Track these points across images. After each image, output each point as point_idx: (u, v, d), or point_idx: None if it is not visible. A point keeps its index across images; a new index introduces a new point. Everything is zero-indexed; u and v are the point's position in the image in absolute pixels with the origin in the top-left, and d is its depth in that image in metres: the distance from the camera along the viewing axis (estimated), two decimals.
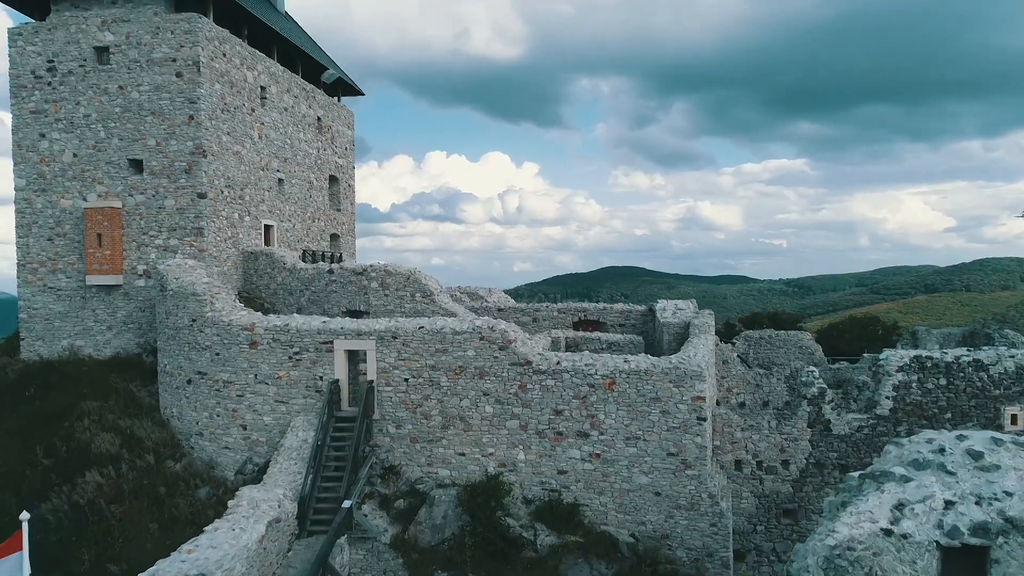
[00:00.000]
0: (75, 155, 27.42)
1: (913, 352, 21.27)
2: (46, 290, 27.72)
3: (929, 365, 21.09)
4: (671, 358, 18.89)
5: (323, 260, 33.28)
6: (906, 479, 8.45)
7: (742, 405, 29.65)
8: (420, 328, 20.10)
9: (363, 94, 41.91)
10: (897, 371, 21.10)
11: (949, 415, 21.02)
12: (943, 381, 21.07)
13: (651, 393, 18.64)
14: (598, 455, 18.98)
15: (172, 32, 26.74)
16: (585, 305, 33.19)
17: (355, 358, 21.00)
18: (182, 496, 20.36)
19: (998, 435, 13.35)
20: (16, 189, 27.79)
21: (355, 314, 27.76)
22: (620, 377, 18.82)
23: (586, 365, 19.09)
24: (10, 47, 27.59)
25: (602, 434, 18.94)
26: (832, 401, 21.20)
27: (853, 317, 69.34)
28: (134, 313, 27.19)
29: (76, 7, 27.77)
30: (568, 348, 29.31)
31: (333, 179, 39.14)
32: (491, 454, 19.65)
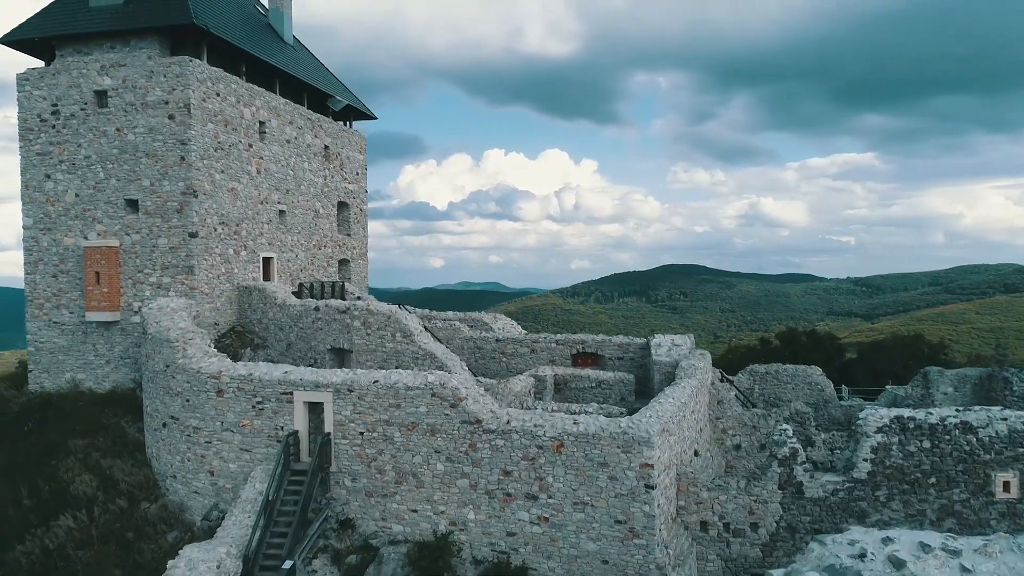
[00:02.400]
0: (77, 195, 28.47)
1: (894, 412, 19.98)
2: (51, 325, 28.91)
3: (912, 426, 19.79)
4: (620, 421, 18.27)
5: (323, 291, 33.65)
6: None
7: (737, 447, 28.62)
8: (375, 382, 20.03)
9: (375, 118, 42.17)
10: (876, 432, 19.88)
11: (933, 480, 19.70)
12: (927, 444, 19.74)
13: (599, 458, 18.07)
14: (547, 519, 18.53)
15: (165, 76, 27.43)
16: (584, 337, 32.61)
17: (316, 409, 21.09)
18: (150, 541, 20.88)
19: (930, 538, 12.39)
20: (24, 227, 29.06)
21: (339, 352, 28.00)
22: (568, 440, 18.32)
23: (535, 426, 18.65)
24: (18, 91, 28.84)
25: (551, 497, 18.48)
26: (805, 463, 20.12)
27: (897, 335, 66.16)
28: (130, 349, 28.07)
29: (79, 52, 28.80)
30: (557, 386, 28.88)
31: (343, 205, 39.55)
32: (442, 512, 19.44)
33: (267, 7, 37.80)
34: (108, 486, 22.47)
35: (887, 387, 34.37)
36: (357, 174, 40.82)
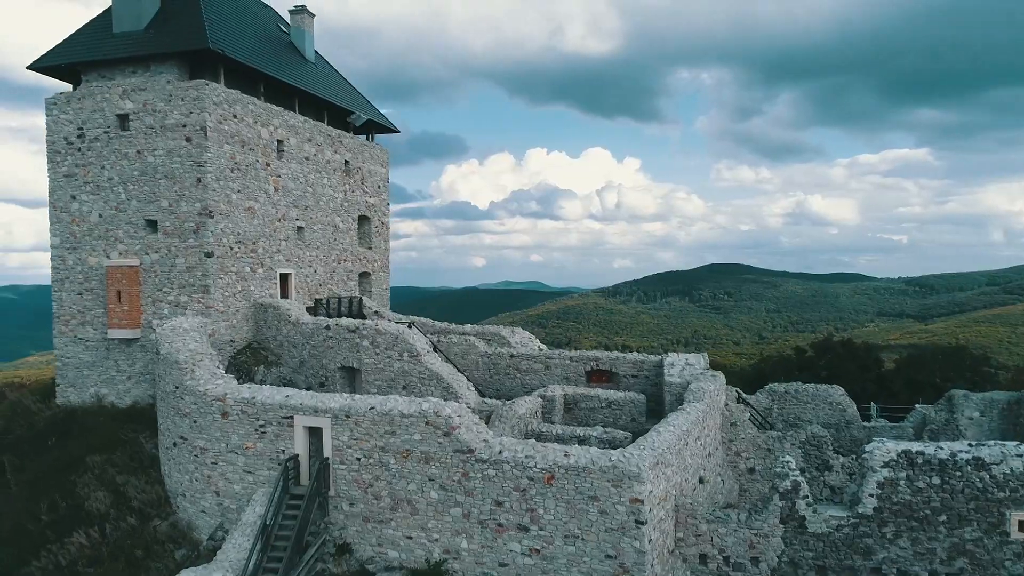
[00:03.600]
0: (100, 216, 29.37)
1: (901, 446, 19.26)
2: (76, 341, 29.91)
3: (920, 461, 19.05)
4: (611, 454, 18.03)
5: (340, 306, 34.07)
6: None
7: (751, 471, 28.03)
8: (371, 408, 20.18)
9: (397, 131, 42.51)
10: (882, 466, 19.20)
11: (944, 518, 18.94)
12: (936, 480, 18.99)
13: (589, 491, 17.87)
14: (538, 551, 18.40)
15: (182, 99, 28.09)
16: (598, 354, 32.29)
17: (316, 433, 21.34)
18: (158, 559, 21.45)
19: None
20: (51, 247, 30.11)
21: (349, 371, 28.31)
22: (559, 472, 18.15)
23: (526, 457, 18.54)
24: (47, 115, 29.89)
25: (541, 529, 18.35)
26: (807, 496, 19.55)
27: (939, 347, 63.78)
28: (149, 365, 28.85)
29: (103, 77, 29.71)
30: (567, 406, 28.68)
31: (364, 218, 39.97)
32: (436, 540, 19.48)
33: (289, 26, 38.41)
34: (121, 503, 23.16)
35: (916, 406, 33.16)
36: (379, 187, 41.20)
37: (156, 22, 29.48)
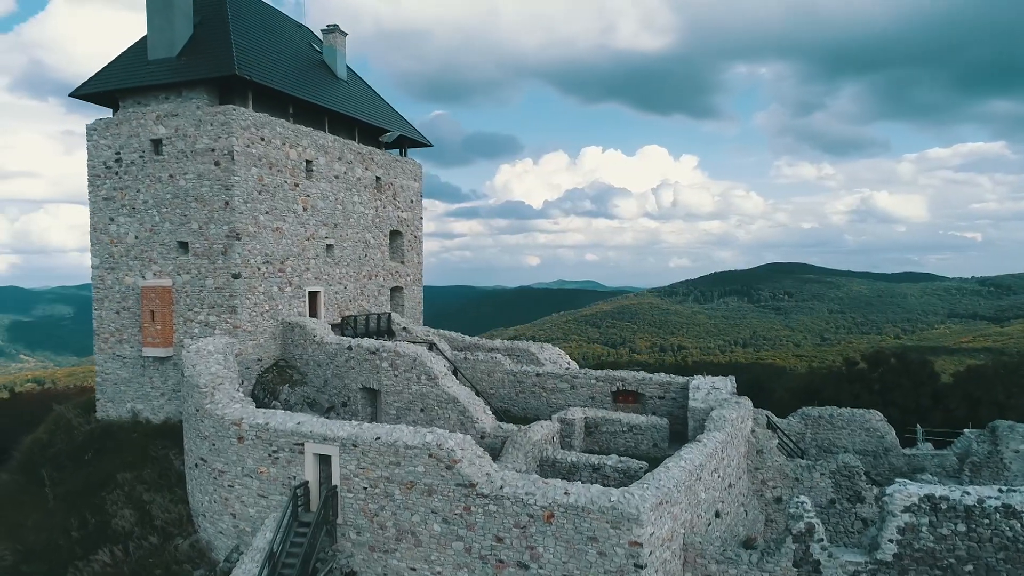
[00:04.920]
0: (136, 237, 30.42)
1: (924, 490, 18.24)
2: (114, 357, 31.06)
3: (944, 507, 18.02)
4: (612, 494, 17.61)
5: (368, 323, 34.42)
6: None
7: (778, 500, 27.09)
8: (377, 439, 20.26)
9: (431, 145, 42.71)
10: (903, 511, 18.24)
11: (970, 568, 17.86)
12: (962, 527, 17.92)
13: (588, 531, 17.51)
14: None
15: (211, 124, 28.83)
16: (624, 374, 31.75)
17: (326, 461, 21.56)
18: None
19: None
20: (92, 267, 31.36)
21: (371, 392, 28.55)
22: (558, 511, 17.84)
23: (526, 494, 18.29)
24: (88, 140, 31.12)
25: (541, 568, 18.06)
26: (822, 540, 18.72)
27: (1000, 360, 60.55)
28: (180, 383, 29.71)
29: (138, 103, 30.75)
30: (588, 429, 28.29)
31: (396, 233, 40.31)
32: (439, 573, 19.41)
33: (322, 45, 39.02)
34: (145, 521, 23.93)
35: (965, 431, 31.45)
36: (411, 201, 41.48)
37: (188, 49, 30.33)
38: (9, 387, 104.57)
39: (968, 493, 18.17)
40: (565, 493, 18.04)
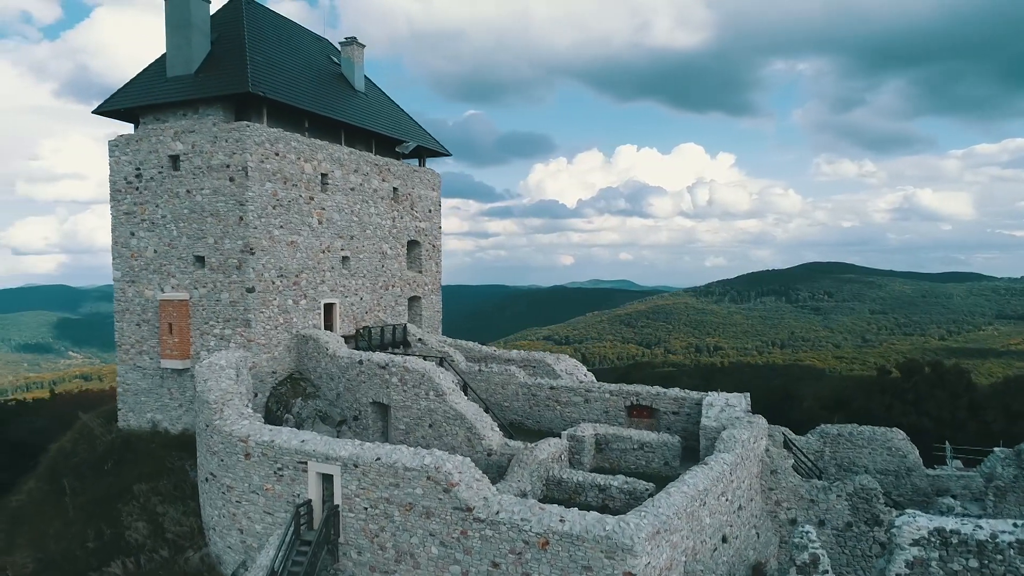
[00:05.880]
0: (155, 251, 31.03)
1: (934, 523, 17.58)
2: (135, 368, 31.74)
3: (955, 541, 17.36)
4: (607, 521, 17.34)
5: (383, 335, 34.57)
6: None
7: (793, 522, 26.45)
8: (377, 460, 20.29)
9: (449, 154, 42.74)
10: (911, 545, 17.61)
11: None
12: (974, 563, 17.24)
13: (583, 560, 17.27)
14: None
15: (226, 140, 29.23)
16: (638, 389, 31.35)
17: (329, 480, 21.67)
18: None
19: None
20: (113, 280, 32.08)
21: (381, 406, 28.66)
22: (553, 538, 17.64)
23: (522, 520, 18.11)
24: (110, 156, 31.82)
25: None
26: (827, 572, 18.19)
27: None
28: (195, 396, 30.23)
29: (157, 120, 31.34)
30: (598, 445, 27.99)
31: (414, 243, 40.43)
32: None
33: (340, 56, 39.30)
34: (157, 534, 24.38)
35: (995, 449, 30.33)
36: (430, 211, 41.57)
37: (205, 66, 30.81)
38: (52, 385, 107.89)
39: (980, 527, 17.46)
40: (560, 520, 17.82)
